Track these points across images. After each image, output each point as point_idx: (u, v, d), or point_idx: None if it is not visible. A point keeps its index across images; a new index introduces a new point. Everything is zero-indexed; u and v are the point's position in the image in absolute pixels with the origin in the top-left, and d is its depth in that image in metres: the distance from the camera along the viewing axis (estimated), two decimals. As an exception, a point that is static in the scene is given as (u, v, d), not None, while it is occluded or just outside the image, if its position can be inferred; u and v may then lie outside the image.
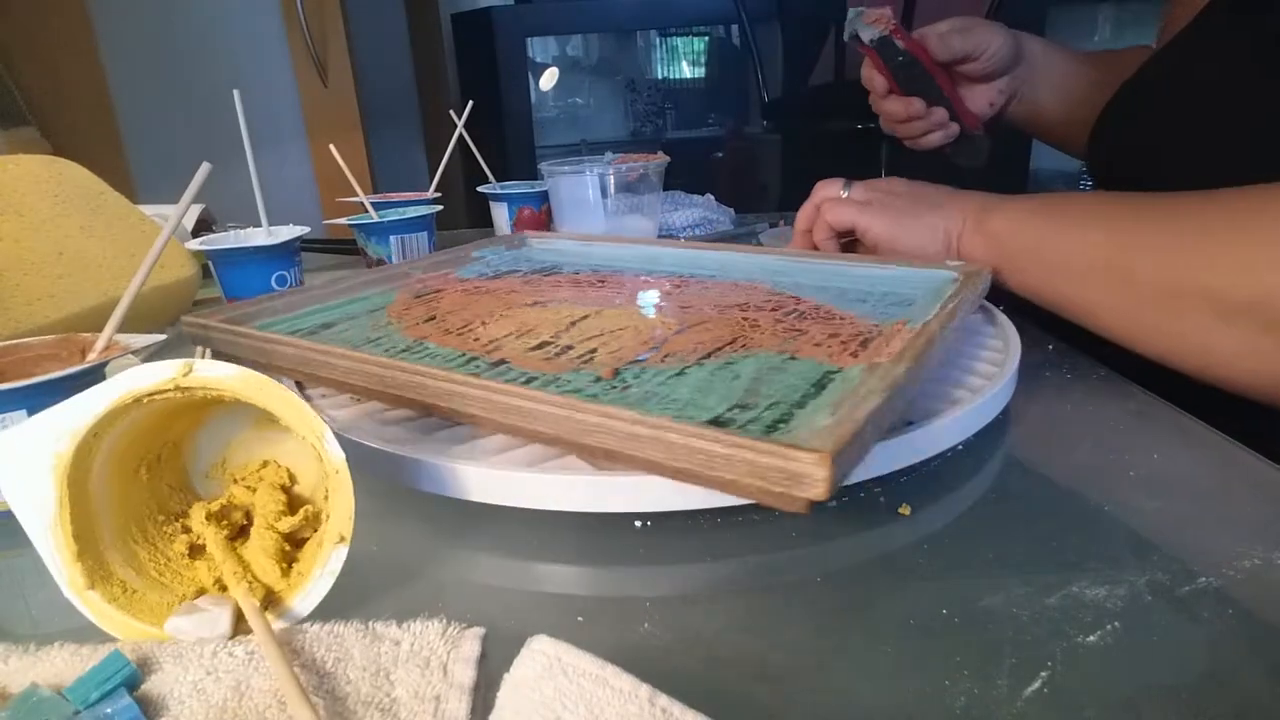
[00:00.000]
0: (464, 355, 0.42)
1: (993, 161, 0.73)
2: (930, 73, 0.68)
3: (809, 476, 0.26)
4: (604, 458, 0.32)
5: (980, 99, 0.72)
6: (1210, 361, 0.41)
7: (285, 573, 0.29)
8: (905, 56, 0.67)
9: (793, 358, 0.41)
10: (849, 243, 0.61)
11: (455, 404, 0.35)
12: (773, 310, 0.49)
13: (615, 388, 0.37)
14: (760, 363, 0.40)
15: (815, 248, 0.61)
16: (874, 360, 0.39)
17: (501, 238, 0.67)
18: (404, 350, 0.43)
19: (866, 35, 0.66)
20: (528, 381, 0.37)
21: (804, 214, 0.61)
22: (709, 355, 0.41)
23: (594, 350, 0.42)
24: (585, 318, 0.47)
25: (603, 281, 0.57)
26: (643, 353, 0.41)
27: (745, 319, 0.47)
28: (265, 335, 0.42)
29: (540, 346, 0.43)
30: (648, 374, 0.39)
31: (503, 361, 0.41)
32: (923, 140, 0.73)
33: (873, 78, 0.72)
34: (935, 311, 0.44)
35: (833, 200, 0.59)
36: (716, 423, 0.32)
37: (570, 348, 0.42)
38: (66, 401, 0.27)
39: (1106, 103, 0.63)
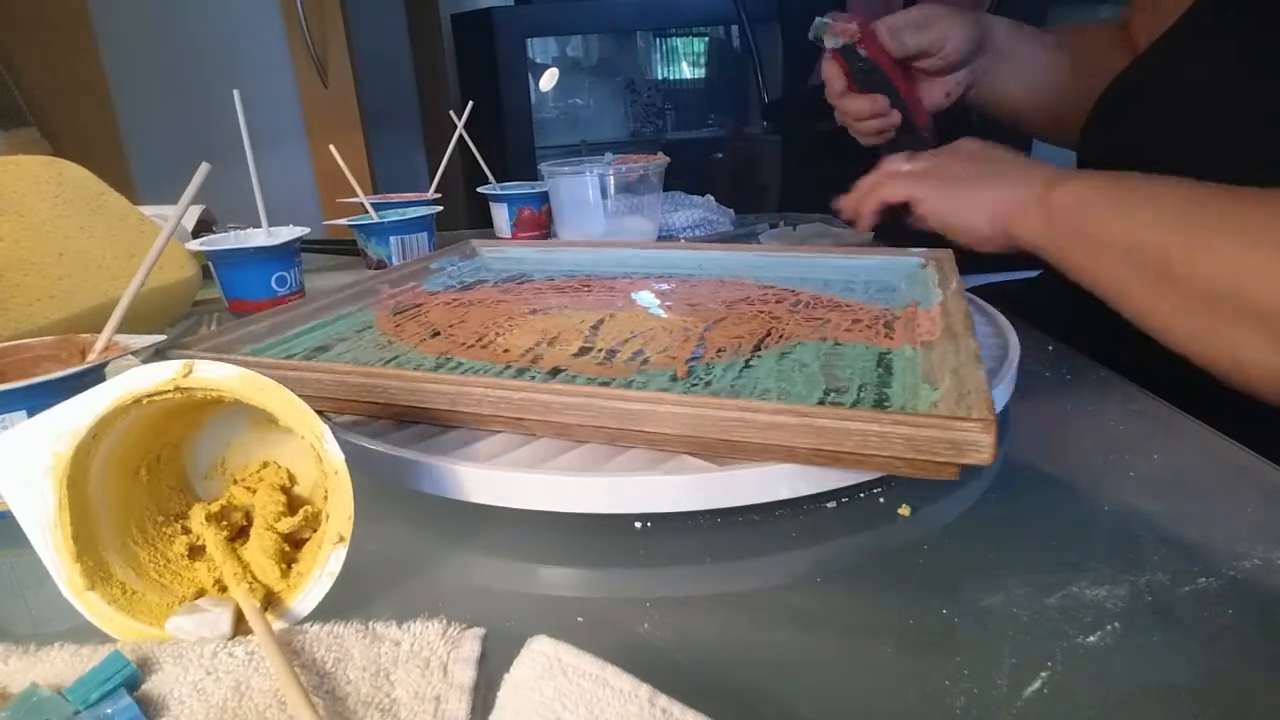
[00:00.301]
0: (508, 367, 0.41)
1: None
2: (890, 78, 0.68)
3: (975, 443, 0.28)
4: (729, 451, 0.32)
5: (937, 90, 0.71)
6: (1238, 367, 0.39)
7: (285, 573, 0.29)
8: (866, 63, 0.67)
9: (837, 344, 0.42)
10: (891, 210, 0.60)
11: (545, 415, 0.34)
12: (778, 302, 0.50)
13: (696, 385, 0.37)
14: (811, 351, 0.41)
15: (858, 218, 0.58)
16: (920, 339, 0.41)
17: (454, 247, 0.65)
18: (437, 368, 0.42)
19: (830, 43, 0.66)
20: (602, 386, 0.36)
21: (864, 182, 0.58)
22: (758, 348, 0.42)
23: (640, 351, 0.42)
24: (601, 321, 0.47)
25: (586, 286, 0.56)
26: (692, 350, 0.42)
27: (761, 312, 0.48)
28: (292, 364, 0.39)
29: (583, 352, 0.42)
30: (716, 369, 0.39)
31: (559, 370, 0.40)
32: (871, 137, 0.72)
33: (833, 77, 0.70)
34: (940, 291, 0.47)
35: (892, 173, 0.56)
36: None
37: (614, 351, 0.42)
38: (66, 402, 0.27)
39: (1096, 101, 0.63)
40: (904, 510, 0.34)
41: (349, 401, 0.38)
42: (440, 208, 0.87)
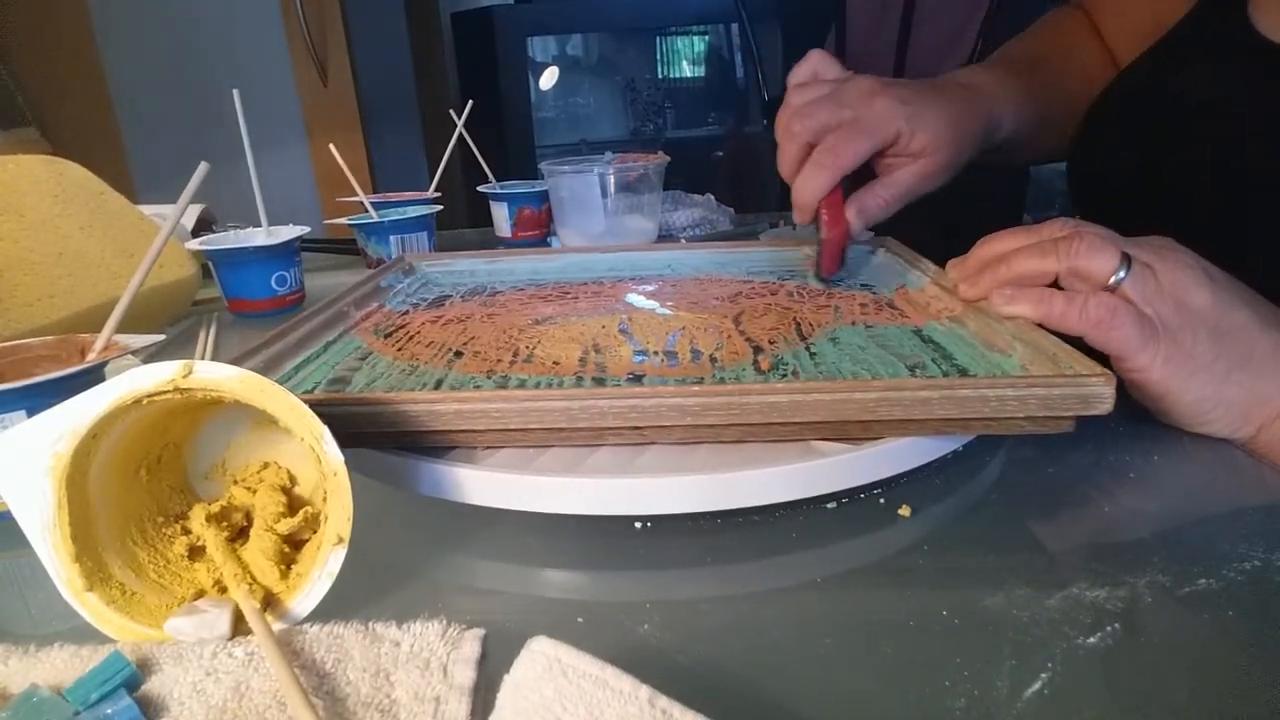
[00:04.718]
0: (580, 379, 0.39)
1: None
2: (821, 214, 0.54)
3: (1100, 395, 0.31)
4: (860, 431, 0.33)
5: (875, 197, 0.52)
6: None
7: (284, 574, 0.29)
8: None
9: (869, 325, 0.43)
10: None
11: (678, 420, 0.32)
12: (773, 294, 0.51)
13: (785, 375, 0.38)
14: (854, 334, 0.42)
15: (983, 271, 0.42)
16: (943, 316, 0.43)
17: (394, 264, 0.62)
18: (497, 387, 0.38)
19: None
20: (696, 384, 0.36)
21: (1024, 263, 0.39)
22: (803, 337, 0.43)
23: (698, 351, 0.41)
24: (625, 325, 0.46)
25: (569, 294, 0.55)
26: (741, 344, 0.42)
27: (769, 304, 0.49)
28: (381, 397, 0.33)
29: (638, 356, 0.41)
30: (785, 358, 0.40)
31: (639, 376, 0.38)
32: (786, 169, 0.53)
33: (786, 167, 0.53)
34: (921, 273, 0.50)
35: (1099, 294, 0.36)
36: None
37: (671, 353, 0.41)
38: (66, 402, 0.27)
39: (1086, 114, 0.62)
40: (904, 510, 0.34)
41: (452, 432, 0.34)
42: (440, 207, 0.87)
